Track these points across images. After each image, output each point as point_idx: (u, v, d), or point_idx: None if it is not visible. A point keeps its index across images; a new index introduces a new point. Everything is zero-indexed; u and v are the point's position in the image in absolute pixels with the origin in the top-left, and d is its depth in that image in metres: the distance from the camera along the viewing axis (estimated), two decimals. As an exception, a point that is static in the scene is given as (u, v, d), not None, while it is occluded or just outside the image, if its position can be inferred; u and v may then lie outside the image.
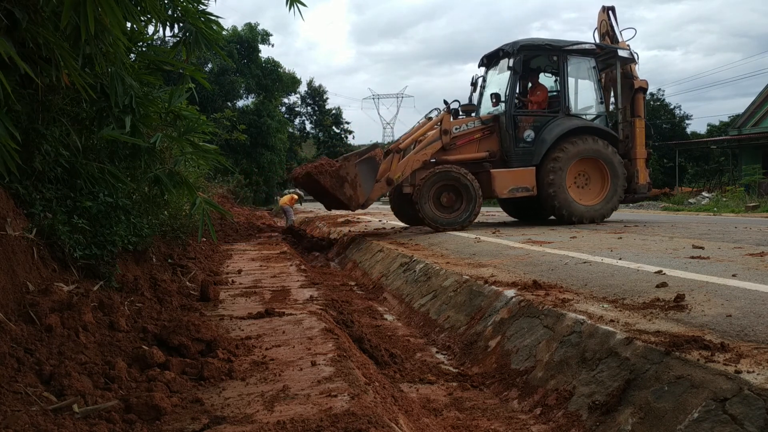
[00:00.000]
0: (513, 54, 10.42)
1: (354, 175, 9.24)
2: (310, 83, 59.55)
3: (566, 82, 10.75)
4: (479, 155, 10.37)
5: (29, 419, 1.86)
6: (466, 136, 10.34)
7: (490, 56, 11.30)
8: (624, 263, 5.05)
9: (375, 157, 9.58)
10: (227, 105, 34.45)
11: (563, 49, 10.73)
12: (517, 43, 10.46)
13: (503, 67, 11.03)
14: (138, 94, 3.45)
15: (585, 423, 2.62)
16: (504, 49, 10.73)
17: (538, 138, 10.37)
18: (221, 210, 3.97)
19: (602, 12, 11.91)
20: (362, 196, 9.42)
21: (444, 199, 9.86)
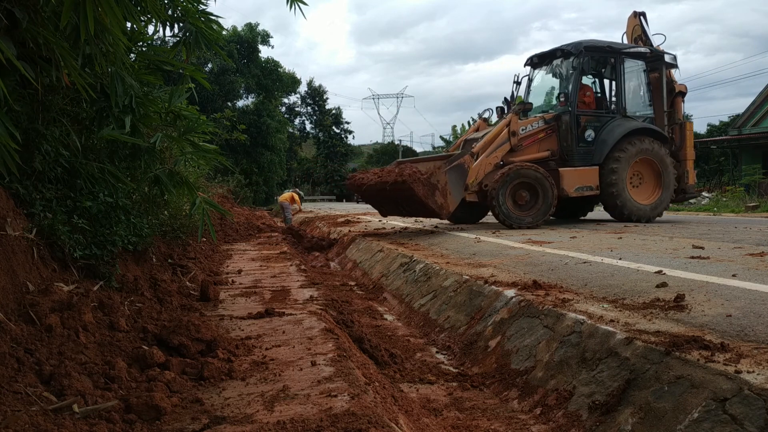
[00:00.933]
0: (579, 54, 10.51)
1: (444, 183, 9.09)
2: (310, 83, 59.58)
3: (623, 84, 11.01)
4: (541, 155, 10.44)
5: (29, 419, 1.86)
6: (532, 136, 10.39)
7: (543, 56, 11.37)
8: (624, 263, 5.05)
9: (464, 164, 9.50)
10: (227, 105, 34.46)
11: (621, 51, 10.97)
12: (581, 44, 10.60)
13: (557, 66, 11.17)
14: (138, 94, 3.44)
15: (585, 423, 2.62)
16: (564, 49, 10.82)
17: (599, 138, 10.54)
18: (221, 210, 3.97)
19: (633, 17, 12.17)
20: (452, 204, 9.29)
21: (519, 197, 9.80)
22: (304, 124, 61.44)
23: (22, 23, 2.48)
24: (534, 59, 11.56)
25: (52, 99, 3.28)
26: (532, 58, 11.61)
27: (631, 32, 12.20)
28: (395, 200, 9.63)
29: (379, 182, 9.16)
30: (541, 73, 11.70)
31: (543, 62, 11.48)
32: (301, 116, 60.95)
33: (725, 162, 32.81)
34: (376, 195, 9.92)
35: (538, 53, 11.55)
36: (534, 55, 11.60)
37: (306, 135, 62.26)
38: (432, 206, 8.96)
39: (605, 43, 10.95)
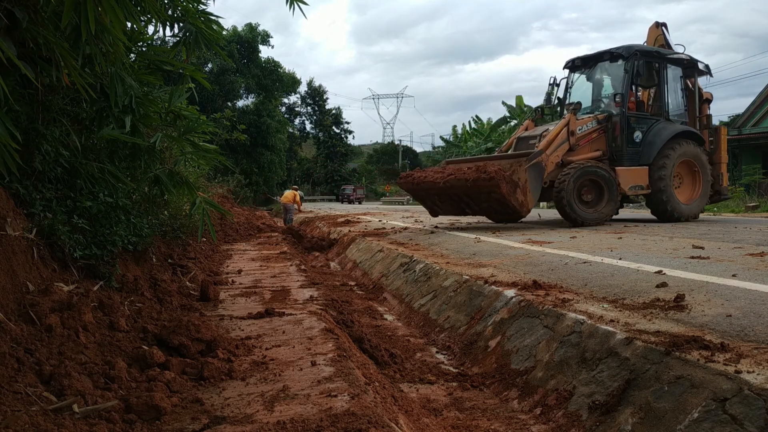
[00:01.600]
0: (631, 57, 10.84)
1: (525, 180, 9.06)
2: (310, 83, 59.62)
3: (666, 88, 11.45)
4: (593, 155, 10.67)
5: (29, 419, 1.86)
6: (586, 136, 10.63)
7: (587, 59, 11.66)
8: (624, 263, 5.05)
9: (542, 161, 9.51)
10: (227, 105, 34.48)
11: (666, 57, 11.41)
12: (632, 48, 10.99)
13: (603, 69, 11.51)
14: (138, 94, 3.44)
15: (585, 423, 2.62)
16: (614, 53, 11.11)
17: (646, 139, 10.87)
18: (221, 210, 3.97)
19: (656, 28, 12.66)
20: (532, 202, 9.31)
21: (584, 194, 9.99)
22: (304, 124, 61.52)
23: (22, 23, 2.48)
24: (576, 62, 11.82)
25: (52, 99, 3.28)
26: (573, 60, 11.86)
27: (653, 42, 12.56)
28: (462, 199, 9.61)
29: (453, 179, 9.13)
30: (579, 76, 11.99)
31: (586, 65, 11.75)
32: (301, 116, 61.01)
33: (725, 162, 32.76)
34: (439, 193, 9.86)
35: (581, 56, 11.83)
36: (576, 58, 11.85)
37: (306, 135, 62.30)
38: (513, 204, 8.95)
39: (653, 49, 11.41)
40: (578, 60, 11.83)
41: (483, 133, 42.42)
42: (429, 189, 9.98)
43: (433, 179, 9.61)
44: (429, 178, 9.76)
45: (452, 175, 9.26)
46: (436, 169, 10.04)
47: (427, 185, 9.84)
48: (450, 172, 9.41)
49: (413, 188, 10.37)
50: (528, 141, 10.81)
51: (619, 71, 11.04)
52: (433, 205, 10.65)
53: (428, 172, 10.07)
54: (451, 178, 9.21)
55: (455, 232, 9.60)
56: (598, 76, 11.77)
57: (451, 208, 10.42)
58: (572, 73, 12.09)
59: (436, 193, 10.00)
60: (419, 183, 10.00)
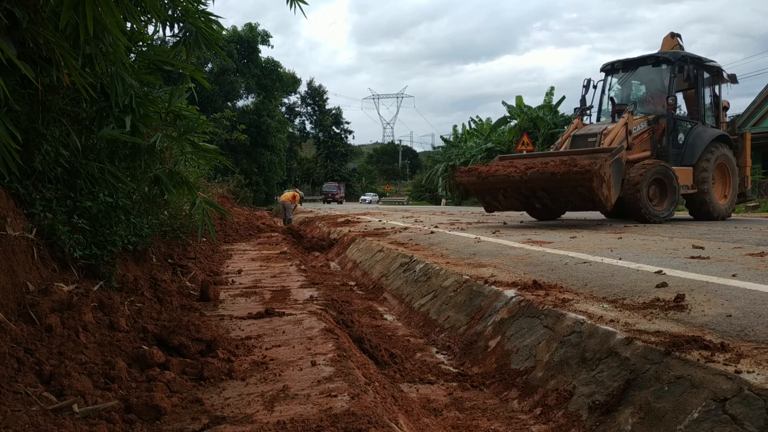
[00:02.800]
0: (678, 62, 11.42)
1: (609, 175, 9.17)
2: (310, 83, 59.66)
3: (703, 93, 12.10)
4: (643, 154, 11.09)
5: (29, 419, 1.86)
6: (639, 136, 11.00)
7: (629, 63, 12.13)
8: (624, 263, 5.05)
9: (622, 158, 9.72)
10: (227, 105, 34.49)
11: (703, 63, 12.02)
12: (677, 54, 11.75)
13: (642, 73, 12.10)
14: (138, 94, 3.45)
15: (585, 423, 2.62)
16: (660, 57, 11.78)
17: (687, 142, 11.48)
18: (221, 210, 3.97)
19: (671, 38, 13.22)
20: (614, 196, 9.48)
21: (652, 192, 10.44)
22: (304, 124, 61.57)
23: (22, 23, 2.48)
24: (616, 65, 12.26)
25: (52, 99, 3.28)
26: (613, 64, 12.32)
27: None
28: (536, 193, 9.75)
29: (535, 173, 9.20)
30: (616, 79, 12.42)
31: (626, 69, 12.19)
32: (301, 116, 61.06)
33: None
34: (510, 187, 9.96)
35: (621, 60, 12.30)
36: (617, 62, 12.30)
37: (306, 135, 62.35)
38: (600, 198, 9.02)
39: (694, 55, 11.97)
40: (618, 63, 12.24)
41: (483, 133, 42.45)
42: (498, 183, 10.06)
43: (507, 173, 9.68)
44: (501, 171, 9.85)
45: (532, 168, 9.28)
46: (505, 164, 10.20)
47: (497, 179, 9.94)
48: (529, 165, 9.45)
49: (477, 182, 10.38)
50: (586, 138, 10.93)
51: (663, 75, 11.53)
52: (493, 200, 10.72)
53: (497, 166, 10.19)
54: (533, 172, 9.23)
55: (455, 232, 9.60)
56: (638, 79, 12.24)
57: (517, 203, 10.61)
58: (609, 76, 12.48)
59: (506, 187, 10.09)
60: (486, 177, 10.07)
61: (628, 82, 12.38)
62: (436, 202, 41.92)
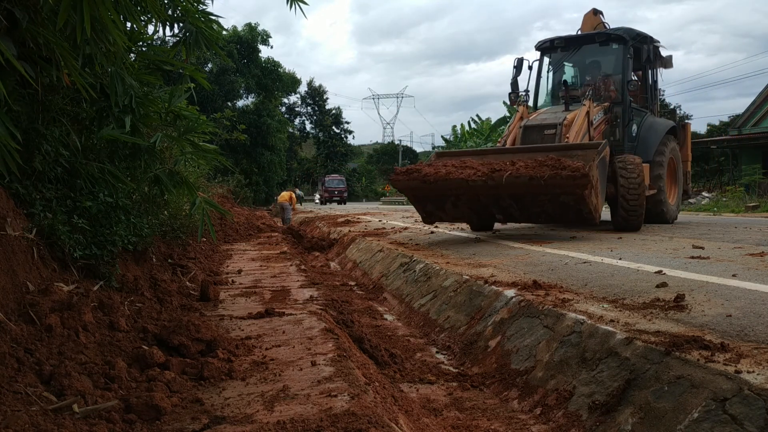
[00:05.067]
0: (633, 41, 9.45)
1: (596, 179, 7.08)
2: (310, 83, 59.66)
3: (649, 77, 10.22)
4: None
5: (29, 419, 1.86)
6: (598, 127, 9.18)
7: (572, 40, 10.04)
8: (624, 263, 5.05)
9: (606, 156, 7.76)
10: (227, 105, 34.48)
11: (654, 42, 10.00)
12: (632, 31, 9.66)
13: (587, 53, 10.01)
14: (138, 94, 3.45)
15: (585, 423, 2.62)
16: (612, 35, 9.68)
17: (640, 134, 9.72)
18: (221, 210, 3.97)
19: (593, 15, 11.42)
20: (602, 205, 7.80)
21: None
22: (304, 124, 61.58)
23: (22, 23, 2.48)
24: (556, 42, 10.05)
25: (52, 99, 3.28)
26: (552, 41, 10.10)
27: (590, 30, 11.05)
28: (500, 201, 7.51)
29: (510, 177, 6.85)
30: (557, 60, 10.31)
31: (567, 47, 10.05)
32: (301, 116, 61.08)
33: (725, 162, 32.80)
34: (465, 193, 7.52)
35: (563, 36, 10.19)
36: (557, 38, 10.10)
37: (306, 135, 62.35)
38: (589, 208, 7.00)
39: (646, 33, 9.95)
40: (559, 41, 10.07)
41: (483, 133, 42.42)
42: (449, 189, 7.53)
43: (463, 176, 7.19)
44: (455, 174, 7.30)
45: (500, 171, 7.00)
46: (455, 164, 7.63)
47: (449, 184, 7.36)
48: (493, 167, 7.15)
49: (420, 187, 7.70)
50: (542, 131, 8.64)
51: (613, 56, 9.72)
52: (437, 209, 8.20)
53: (447, 168, 7.54)
54: (507, 176, 6.88)
55: (455, 232, 9.60)
56: (583, 60, 10.15)
57: (468, 213, 8.22)
58: (546, 56, 10.34)
59: (459, 194, 7.61)
60: (434, 181, 7.40)
61: (577, 64, 10.33)
62: (436, 202, 41.89)
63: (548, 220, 8.01)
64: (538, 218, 7.94)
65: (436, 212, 8.36)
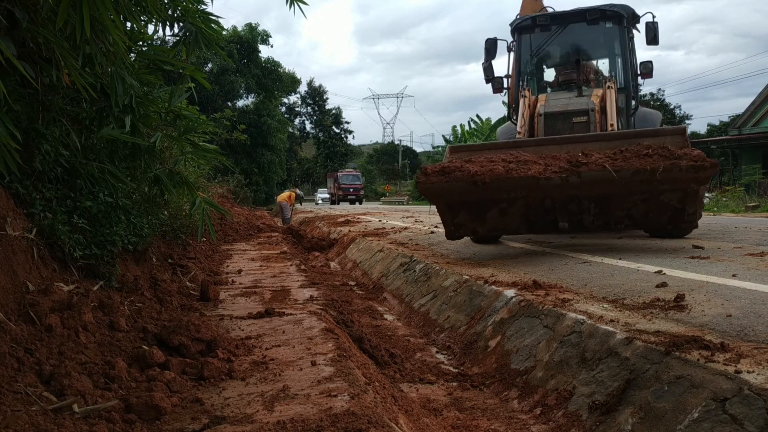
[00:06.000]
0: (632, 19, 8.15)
1: None
2: (310, 83, 59.70)
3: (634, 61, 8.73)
4: None
5: (29, 419, 1.86)
6: None
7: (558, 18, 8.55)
8: (624, 263, 5.05)
9: None
10: (227, 105, 34.50)
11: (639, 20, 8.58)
12: (628, 7, 8.26)
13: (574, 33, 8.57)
14: (138, 94, 3.45)
15: (585, 423, 2.62)
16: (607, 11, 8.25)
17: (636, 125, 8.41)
18: (221, 210, 3.97)
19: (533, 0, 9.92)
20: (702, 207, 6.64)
21: None
22: (304, 124, 61.60)
23: (22, 23, 2.48)
24: (539, 20, 8.61)
25: (52, 99, 3.28)
26: (534, 19, 8.66)
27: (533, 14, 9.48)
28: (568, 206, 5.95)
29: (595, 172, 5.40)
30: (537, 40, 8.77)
31: (549, 27, 8.60)
32: (301, 116, 61.10)
33: (725, 162, 32.81)
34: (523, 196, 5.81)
35: (550, 13, 8.79)
36: (539, 16, 8.73)
37: (306, 135, 62.37)
38: (695, 208, 5.90)
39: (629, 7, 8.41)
40: (542, 19, 8.65)
41: (483, 133, 42.42)
42: (508, 190, 5.67)
43: (535, 173, 5.46)
44: (518, 171, 5.51)
45: (583, 164, 5.49)
46: (504, 158, 5.82)
47: (512, 184, 5.55)
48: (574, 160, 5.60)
49: (464, 189, 5.65)
50: (569, 118, 7.21)
51: (608, 35, 8.52)
52: (474, 219, 6.20)
53: (495, 163, 5.69)
54: (590, 171, 5.40)
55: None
56: (569, 40, 8.72)
57: (520, 222, 6.23)
58: (525, 35, 8.74)
59: (518, 197, 5.83)
60: (490, 181, 5.49)
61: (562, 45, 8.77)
62: (436, 202, 41.84)
63: (631, 226, 6.45)
64: (618, 224, 6.28)
65: (471, 223, 6.29)
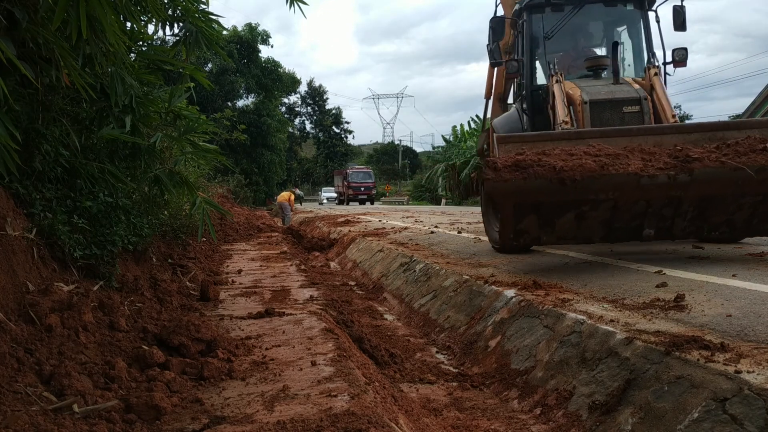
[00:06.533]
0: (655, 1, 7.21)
1: None
2: (310, 83, 59.68)
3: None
4: None
5: (29, 419, 1.86)
6: None
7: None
8: (624, 263, 5.04)
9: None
10: (227, 105, 34.48)
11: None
12: None
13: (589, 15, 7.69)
14: (138, 94, 3.45)
15: (585, 423, 2.62)
16: None
17: None
18: (221, 210, 3.97)
19: None
20: None
21: None
22: (304, 124, 61.59)
23: (22, 23, 2.48)
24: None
25: (52, 99, 3.28)
26: None
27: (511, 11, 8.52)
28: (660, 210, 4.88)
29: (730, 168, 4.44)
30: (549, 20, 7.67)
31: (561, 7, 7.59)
32: (301, 116, 61.08)
33: (725, 162, 32.78)
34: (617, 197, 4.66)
35: None
36: None
37: (306, 135, 62.35)
38: None
39: None
40: None
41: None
42: (599, 190, 4.59)
43: (636, 169, 4.49)
44: (615, 167, 4.49)
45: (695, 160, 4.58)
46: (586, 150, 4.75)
47: (606, 183, 4.49)
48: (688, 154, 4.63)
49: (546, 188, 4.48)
50: (619, 107, 6.17)
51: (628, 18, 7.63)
52: (542, 226, 4.96)
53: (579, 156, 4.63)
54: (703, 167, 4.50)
55: (455, 232, 9.60)
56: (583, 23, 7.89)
57: (601, 229, 5.01)
58: (536, 15, 7.76)
59: (606, 199, 4.68)
60: (581, 179, 4.40)
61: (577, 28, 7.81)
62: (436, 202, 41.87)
63: (726, 233, 5.55)
64: (713, 231, 5.42)
65: (535, 231, 5.10)
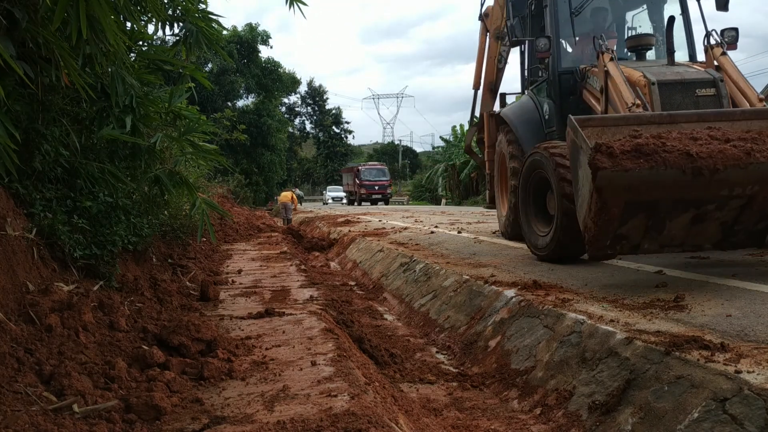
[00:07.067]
0: None
1: None
2: (311, 83, 59.66)
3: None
4: None
5: (29, 419, 1.86)
6: None
7: None
8: (624, 263, 5.05)
9: None
10: (227, 105, 34.47)
11: None
12: None
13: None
14: (138, 94, 3.45)
15: (585, 423, 2.62)
16: None
17: None
18: (221, 210, 3.98)
19: None
20: None
21: None
22: (304, 124, 61.55)
23: (22, 23, 2.48)
24: None
25: (52, 99, 3.28)
26: None
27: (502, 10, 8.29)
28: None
29: None
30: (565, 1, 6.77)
31: None
32: (301, 116, 61.04)
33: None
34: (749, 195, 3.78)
35: None
36: None
37: (306, 135, 62.33)
38: None
39: None
40: None
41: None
42: (733, 183, 3.66)
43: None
44: (761, 154, 3.55)
45: None
46: (710, 134, 3.79)
47: (748, 174, 3.58)
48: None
49: (673, 181, 3.56)
50: (692, 90, 5.19)
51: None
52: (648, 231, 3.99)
53: (706, 143, 3.65)
54: None
55: (455, 232, 9.60)
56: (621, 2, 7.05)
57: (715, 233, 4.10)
58: None
59: (737, 195, 3.78)
60: (714, 169, 3.50)
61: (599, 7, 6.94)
62: (436, 202, 41.89)
63: None
64: None
65: (638, 235, 4.08)
